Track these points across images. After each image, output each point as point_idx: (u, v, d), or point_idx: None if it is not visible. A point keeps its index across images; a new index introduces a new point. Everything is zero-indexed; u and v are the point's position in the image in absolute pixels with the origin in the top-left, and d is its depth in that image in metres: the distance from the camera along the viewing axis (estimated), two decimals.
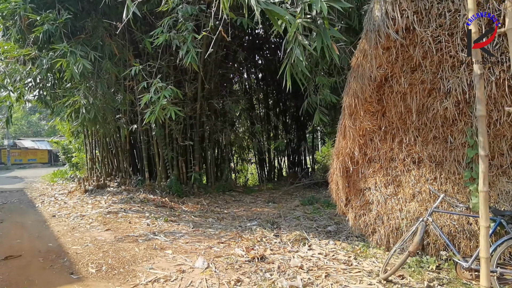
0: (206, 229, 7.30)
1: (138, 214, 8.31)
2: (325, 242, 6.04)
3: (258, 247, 5.74)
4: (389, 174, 5.00)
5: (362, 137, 4.96)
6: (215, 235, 6.73)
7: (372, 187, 5.25)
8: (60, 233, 6.87)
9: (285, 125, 16.82)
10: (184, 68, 10.82)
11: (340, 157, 5.26)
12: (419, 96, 4.21)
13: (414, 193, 4.83)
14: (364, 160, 5.17)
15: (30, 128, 52.32)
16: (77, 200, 10.46)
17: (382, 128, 4.76)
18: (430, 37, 3.73)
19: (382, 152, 4.93)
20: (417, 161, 4.66)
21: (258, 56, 16.25)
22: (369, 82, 4.28)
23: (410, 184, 4.83)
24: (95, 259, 5.31)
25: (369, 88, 4.32)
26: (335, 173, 5.54)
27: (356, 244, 5.84)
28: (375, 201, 5.27)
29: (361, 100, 4.47)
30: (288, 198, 11.73)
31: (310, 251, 5.57)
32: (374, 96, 4.47)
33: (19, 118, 50.08)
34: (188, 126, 11.96)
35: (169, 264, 5.06)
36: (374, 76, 4.22)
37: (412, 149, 4.65)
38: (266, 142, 16.07)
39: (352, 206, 5.61)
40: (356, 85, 4.42)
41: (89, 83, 8.16)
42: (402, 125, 4.60)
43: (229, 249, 5.74)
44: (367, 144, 5.02)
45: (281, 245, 5.89)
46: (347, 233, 6.61)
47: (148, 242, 6.15)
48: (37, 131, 51.67)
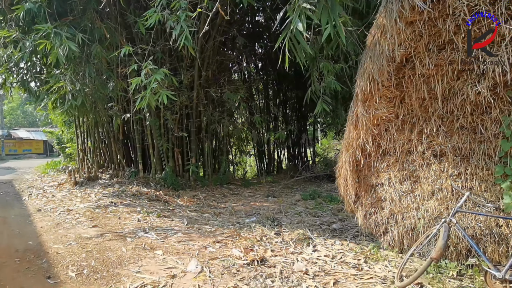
0: (201, 225, 6.78)
1: (129, 209, 7.78)
2: (331, 242, 5.52)
3: (258, 247, 5.21)
4: (406, 169, 4.47)
5: (376, 126, 4.41)
6: (211, 232, 6.21)
7: (386, 183, 4.71)
8: (43, 230, 6.34)
9: (285, 116, 16.27)
10: (180, 54, 10.24)
11: (350, 149, 4.71)
12: (446, 79, 3.64)
13: (434, 190, 4.29)
14: (377, 153, 4.62)
15: (26, 118, 51.61)
16: (66, 193, 9.92)
17: (399, 117, 4.21)
18: (466, 7, 3.15)
19: (399, 143, 4.38)
20: (439, 154, 4.12)
21: (257, 44, 15.61)
22: (387, 63, 3.71)
23: (429, 180, 4.29)
24: (77, 261, 4.78)
25: (388, 70, 3.75)
26: (344, 167, 5.00)
27: (365, 245, 5.33)
28: (388, 198, 4.74)
29: (377, 84, 3.90)
30: (288, 192, 11.22)
31: (315, 252, 5.05)
32: (392, 80, 3.90)
33: (14, 108, 49.37)
34: (184, 116, 11.38)
35: (158, 267, 4.54)
36: (393, 55, 3.65)
37: (433, 140, 4.10)
38: (266, 134, 15.52)
39: (362, 204, 5.08)
40: (372, 66, 3.85)
41: (76, 67, 7.55)
42: (423, 113, 4.04)
43: (225, 249, 5.21)
44: (382, 135, 4.47)
45: (283, 245, 5.37)
46: (354, 232, 6.10)
47: (137, 241, 5.63)
48: (33, 121, 50.96)
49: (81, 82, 7.50)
